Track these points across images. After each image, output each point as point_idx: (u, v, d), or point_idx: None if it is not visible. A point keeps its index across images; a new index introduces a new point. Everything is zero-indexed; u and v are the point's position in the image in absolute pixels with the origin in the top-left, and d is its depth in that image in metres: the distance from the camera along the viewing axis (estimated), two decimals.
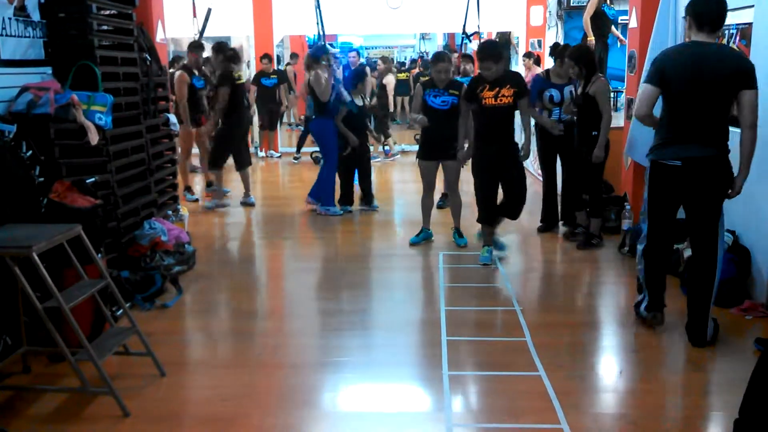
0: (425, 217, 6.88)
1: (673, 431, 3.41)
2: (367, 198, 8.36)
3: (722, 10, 4.13)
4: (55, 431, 3.42)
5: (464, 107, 6.13)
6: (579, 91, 6.41)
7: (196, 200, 8.94)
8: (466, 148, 6.41)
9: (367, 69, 13.28)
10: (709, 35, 4.13)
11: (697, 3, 4.15)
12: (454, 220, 6.78)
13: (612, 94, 10.58)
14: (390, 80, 13.15)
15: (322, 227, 7.58)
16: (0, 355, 3.89)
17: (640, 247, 4.59)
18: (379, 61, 14.07)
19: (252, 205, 8.65)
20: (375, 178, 10.76)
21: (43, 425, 3.49)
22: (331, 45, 13.16)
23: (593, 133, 6.18)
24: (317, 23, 8.97)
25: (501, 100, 5.81)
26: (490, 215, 6.14)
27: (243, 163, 8.65)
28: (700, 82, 4.08)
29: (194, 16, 9.35)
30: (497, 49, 6.05)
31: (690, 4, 4.20)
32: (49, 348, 3.97)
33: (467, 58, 9.59)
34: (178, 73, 8.55)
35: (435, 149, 6.57)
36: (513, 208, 6.10)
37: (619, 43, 10.25)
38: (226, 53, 8.28)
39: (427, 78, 7.26)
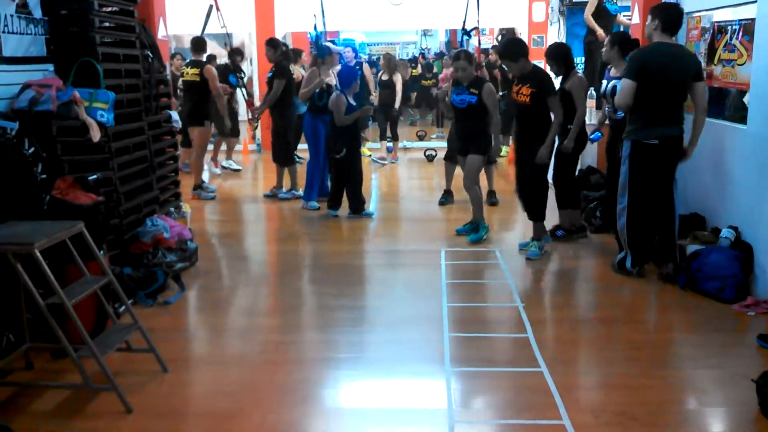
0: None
1: (674, 427, 3.40)
2: (355, 204, 7.80)
3: (682, 19, 5.32)
4: (58, 427, 3.43)
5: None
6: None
7: (213, 197, 8.98)
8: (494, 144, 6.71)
9: (366, 66, 13.08)
10: (670, 37, 5.14)
11: (668, 11, 5.18)
12: (475, 213, 6.76)
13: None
14: (398, 79, 12.50)
15: (323, 224, 7.58)
16: (3, 352, 3.90)
17: (621, 209, 5.39)
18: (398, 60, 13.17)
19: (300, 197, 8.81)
20: (381, 176, 10.79)
21: (45, 421, 3.49)
22: (333, 41, 13.13)
23: (568, 127, 6.26)
24: (322, 20, 8.96)
25: (519, 98, 6.04)
26: (525, 208, 6.38)
27: (291, 160, 8.90)
28: (672, 76, 5.08)
29: (217, 9, 9.40)
30: (513, 47, 6.19)
31: (660, 10, 5.18)
32: (51, 344, 3.98)
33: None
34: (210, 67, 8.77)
35: (460, 146, 6.77)
36: (524, 203, 6.36)
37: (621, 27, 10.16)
38: (281, 48, 8.67)
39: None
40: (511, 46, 6.28)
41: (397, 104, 11.88)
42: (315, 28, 8.91)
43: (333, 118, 7.51)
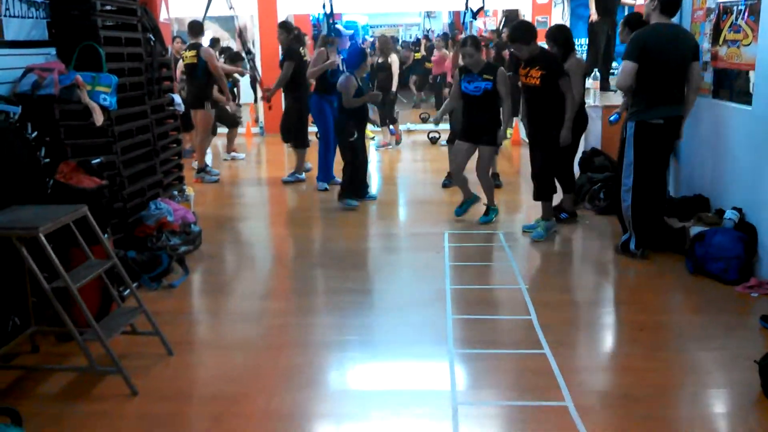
0: (465, 190, 6.84)
1: (677, 408, 3.42)
2: (361, 188, 7.70)
3: (681, 0, 5.42)
4: (64, 410, 3.45)
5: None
6: None
7: (217, 181, 8.97)
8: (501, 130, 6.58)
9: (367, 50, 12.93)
10: (669, 18, 5.23)
11: None
12: (487, 198, 6.71)
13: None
14: (394, 60, 11.83)
15: (328, 208, 7.57)
16: (8, 335, 3.92)
17: (626, 190, 5.41)
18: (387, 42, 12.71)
19: (302, 180, 8.87)
20: (384, 159, 10.77)
21: (51, 404, 3.52)
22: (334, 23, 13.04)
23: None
24: (330, 1, 8.93)
25: (529, 80, 6.00)
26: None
27: (305, 143, 8.90)
28: (672, 56, 5.16)
29: None
30: (524, 30, 6.14)
31: None
32: (57, 328, 4.00)
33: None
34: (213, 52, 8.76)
35: (470, 133, 6.55)
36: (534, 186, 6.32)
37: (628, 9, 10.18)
38: (294, 31, 8.70)
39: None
40: (522, 29, 6.20)
41: (393, 87, 11.48)
42: (324, 6, 8.89)
43: (340, 100, 7.38)
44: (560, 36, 6.49)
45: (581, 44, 11.82)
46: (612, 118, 6.60)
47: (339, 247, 6.17)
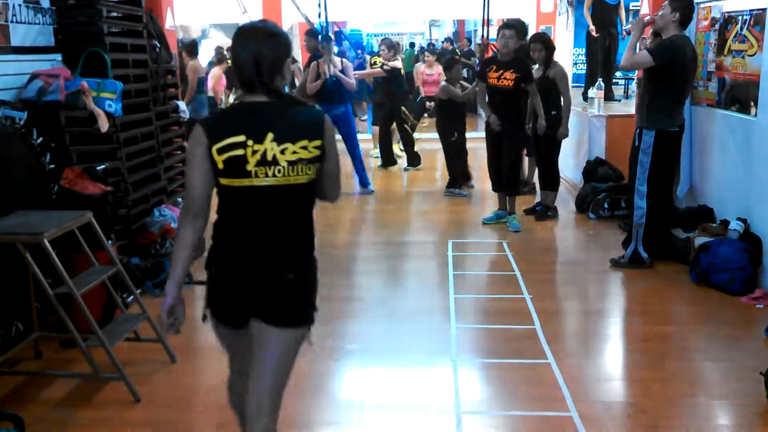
0: None
1: (682, 419, 3.40)
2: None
3: None
4: (67, 416, 3.45)
5: (479, 86, 6.91)
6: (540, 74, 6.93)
7: None
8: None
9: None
10: (683, 30, 5.31)
11: (689, 6, 5.25)
12: None
13: (623, 82, 10.58)
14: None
15: (331, 214, 7.57)
16: (12, 341, 3.92)
17: (641, 200, 5.41)
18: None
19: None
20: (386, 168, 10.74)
21: (54, 410, 3.52)
22: (340, 32, 13.06)
23: (552, 112, 6.77)
24: (323, 12, 8.97)
25: (502, 82, 6.46)
26: (495, 183, 6.94)
27: None
28: (692, 66, 5.42)
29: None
30: (523, 24, 6.71)
31: (682, 4, 5.19)
32: (60, 334, 3.99)
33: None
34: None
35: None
36: (497, 178, 6.83)
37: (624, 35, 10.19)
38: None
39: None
40: (519, 21, 6.85)
41: None
42: (320, 16, 8.90)
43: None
44: (549, 42, 7.01)
45: (582, 54, 11.84)
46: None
47: (342, 254, 6.15)
